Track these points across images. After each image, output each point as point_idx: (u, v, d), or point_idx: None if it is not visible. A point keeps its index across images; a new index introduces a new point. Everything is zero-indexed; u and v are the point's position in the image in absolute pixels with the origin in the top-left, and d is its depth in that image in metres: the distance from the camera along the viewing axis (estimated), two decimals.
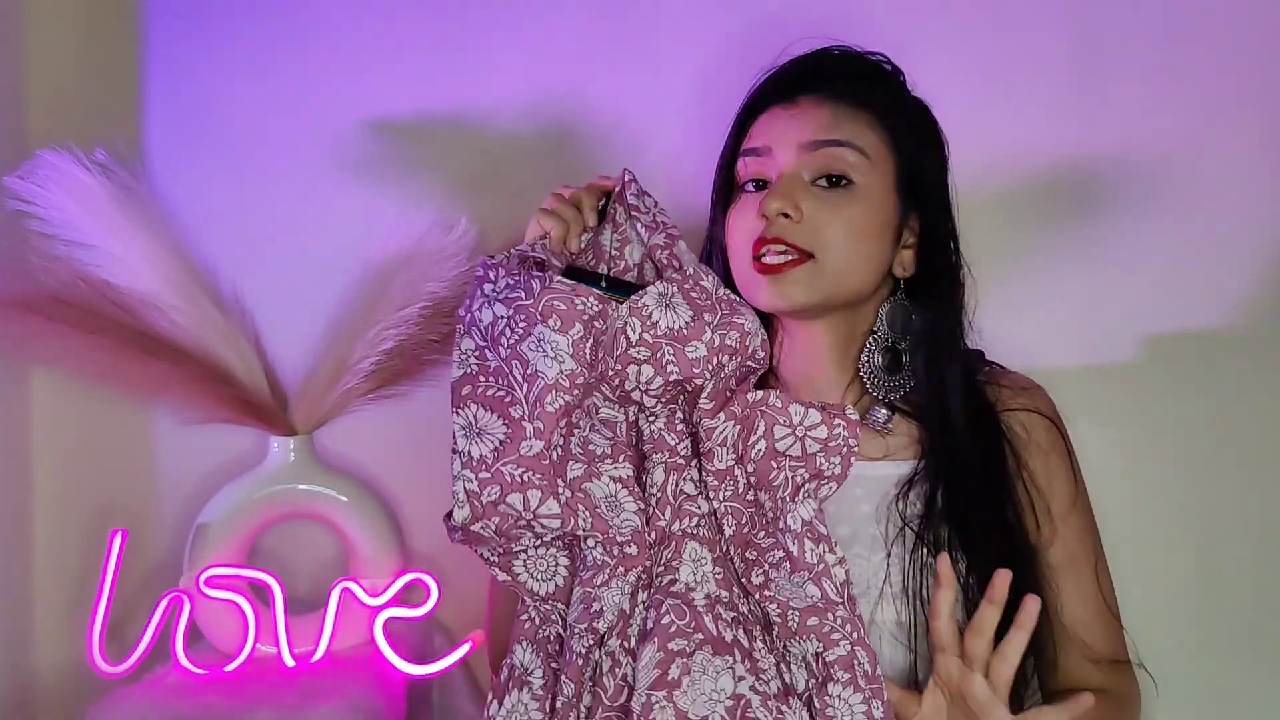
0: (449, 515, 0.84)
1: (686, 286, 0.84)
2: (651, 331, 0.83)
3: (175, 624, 1.12)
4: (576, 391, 0.81)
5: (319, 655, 1.14)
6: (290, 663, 1.13)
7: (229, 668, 1.11)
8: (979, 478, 0.92)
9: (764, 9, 1.20)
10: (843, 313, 0.94)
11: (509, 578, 0.88)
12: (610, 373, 0.84)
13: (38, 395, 1.23)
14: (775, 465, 0.85)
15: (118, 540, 1.15)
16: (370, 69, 1.26)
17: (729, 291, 0.87)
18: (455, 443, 0.83)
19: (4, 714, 1.18)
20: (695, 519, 0.86)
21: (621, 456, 0.86)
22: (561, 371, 0.80)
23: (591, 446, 0.85)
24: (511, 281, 0.84)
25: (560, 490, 0.82)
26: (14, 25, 1.20)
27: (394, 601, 1.15)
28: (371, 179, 1.26)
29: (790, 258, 0.88)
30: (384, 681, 1.12)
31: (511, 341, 0.82)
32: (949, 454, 0.92)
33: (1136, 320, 1.17)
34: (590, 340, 0.81)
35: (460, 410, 0.84)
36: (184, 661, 1.11)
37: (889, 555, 0.90)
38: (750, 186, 0.94)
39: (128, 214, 1.13)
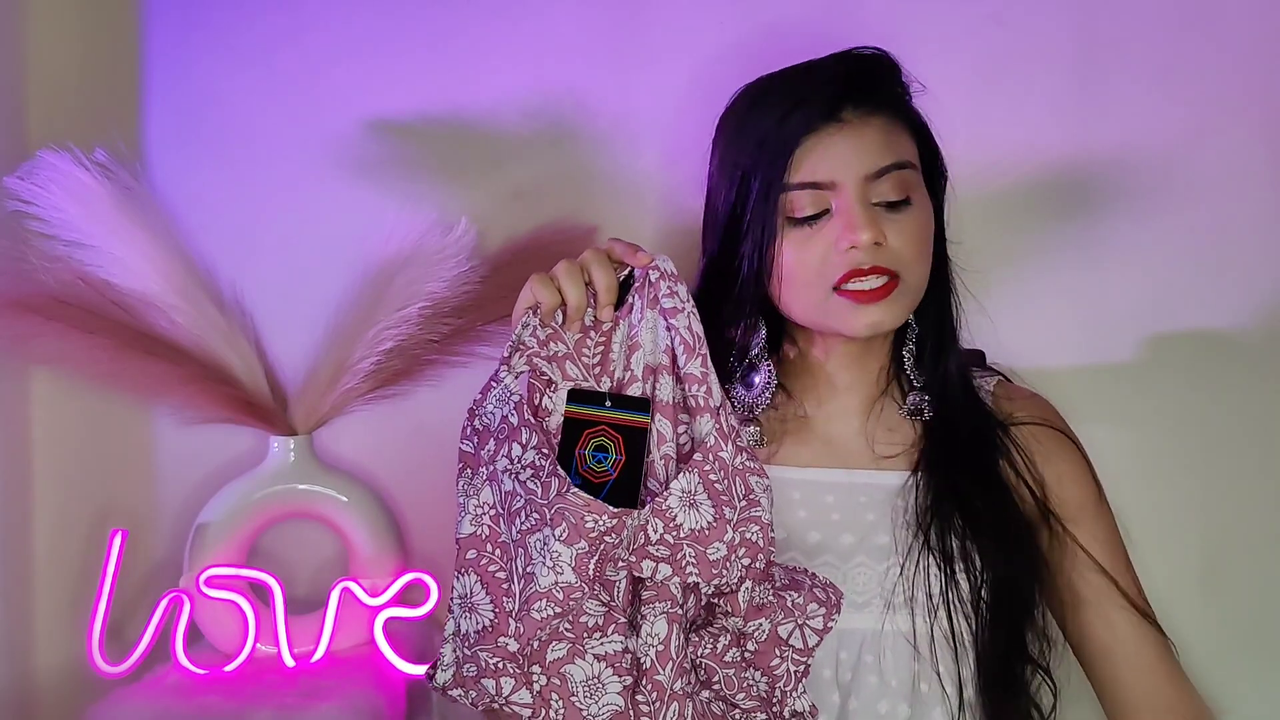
0: (432, 671, 0.82)
1: (707, 470, 0.79)
2: (674, 534, 0.78)
3: (175, 624, 1.12)
4: (571, 603, 0.77)
5: (319, 655, 1.14)
6: (290, 663, 1.13)
7: (229, 668, 1.11)
8: (980, 472, 0.92)
9: (764, 8, 1.20)
10: None
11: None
12: (622, 563, 0.79)
13: (38, 395, 1.23)
14: (779, 654, 0.82)
15: (118, 540, 1.15)
16: (370, 68, 1.26)
17: (747, 456, 0.81)
18: (451, 605, 0.81)
19: (4, 714, 1.18)
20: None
21: (612, 627, 0.79)
22: (556, 583, 0.76)
23: (584, 618, 0.78)
24: (535, 456, 0.79)
25: (535, 679, 0.78)
26: (14, 25, 1.20)
27: (394, 601, 1.15)
28: (371, 179, 1.26)
29: (882, 283, 0.87)
30: (384, 681, 1.12)
31: (522, 529, 0.78)
32: (949, 449, 0.92)
33: (1136, 320, 1.17)
34: (595, 557, 0.76)
35: (461, 575, 0.81)
36: (184, 661, 1.11)
37: (901, 564, 0.90)
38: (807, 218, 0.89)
39: (128, 214, 1.13)
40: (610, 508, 0.76)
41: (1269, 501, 1.16)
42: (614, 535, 0.76)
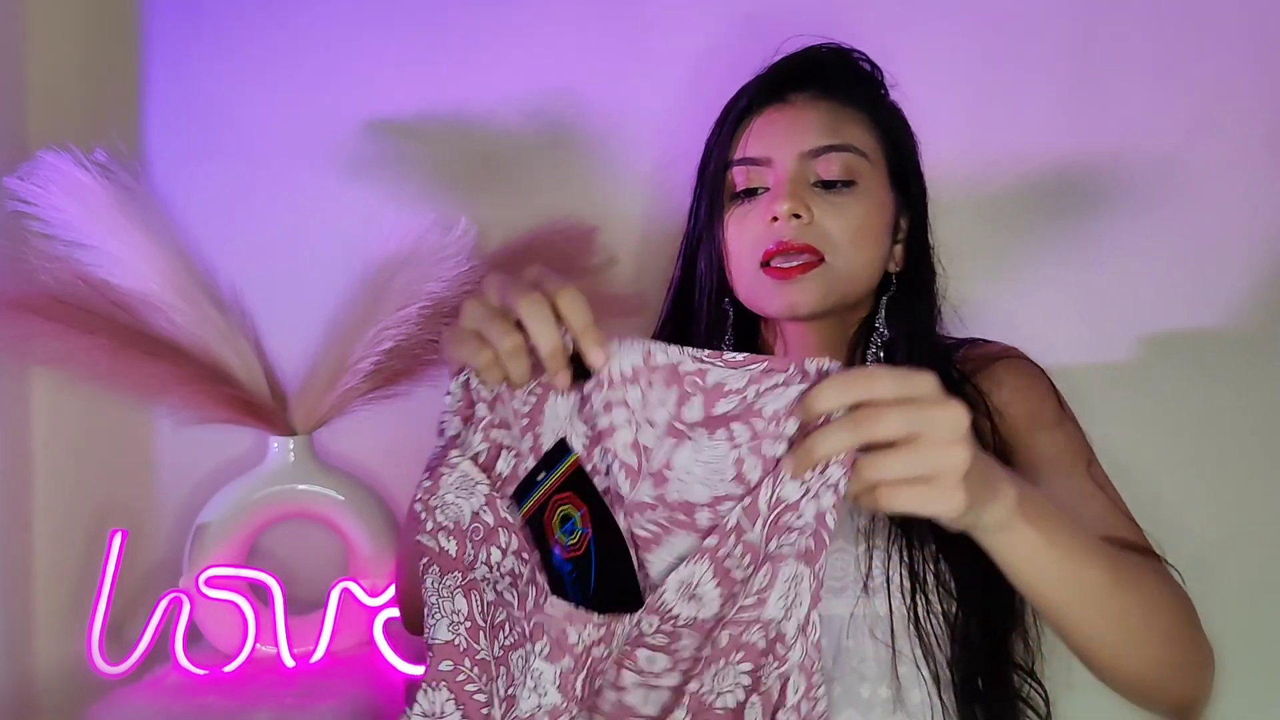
0: None
1: (721, 555, 0.64)
2: (671, 623, 0.66)
3: (175, 624, 1.12)
4: None
5: (319, 655, 1.14)
6: (290, 663, 1.13)
7: (229, 668, 1.11)
8: None
9: (764, 9, 1.20)
10: (841, 313, 0.94)
11: None
12: (614, 656, 0.68)
13: (38, 395, 1.23)
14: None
15: (117, 540, 1.15)
16: (370, 69, 1.26)
17: (786, 538, 0.64)
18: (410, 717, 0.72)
19: (4, 714, 1.18)
20: None
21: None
22: (540, 706, 0.64)
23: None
24: (514, 562, 0.68)
25: None
26: (14, 25, 1.20)
27: (393, 602, 1.15)
28: (371, 179, 1.26)
29: (801, 261, 0.88)
30: (383, 681, 1.12)
31: (504, 645, 0.69)
32: None
33: (1136, 320, 1.17)
34: (583, 674, 0.65)
35: (431, 688, 0.71)
36: (184, 661, 1.12)
37: (869, 548, 0.89)
38: (744, 193, 0.93)
39: (128, 214, 1.13)
40: (595, 616, 0.64)
41: (1270, 501, 1.16)
42: (603, 646, 0.65)
